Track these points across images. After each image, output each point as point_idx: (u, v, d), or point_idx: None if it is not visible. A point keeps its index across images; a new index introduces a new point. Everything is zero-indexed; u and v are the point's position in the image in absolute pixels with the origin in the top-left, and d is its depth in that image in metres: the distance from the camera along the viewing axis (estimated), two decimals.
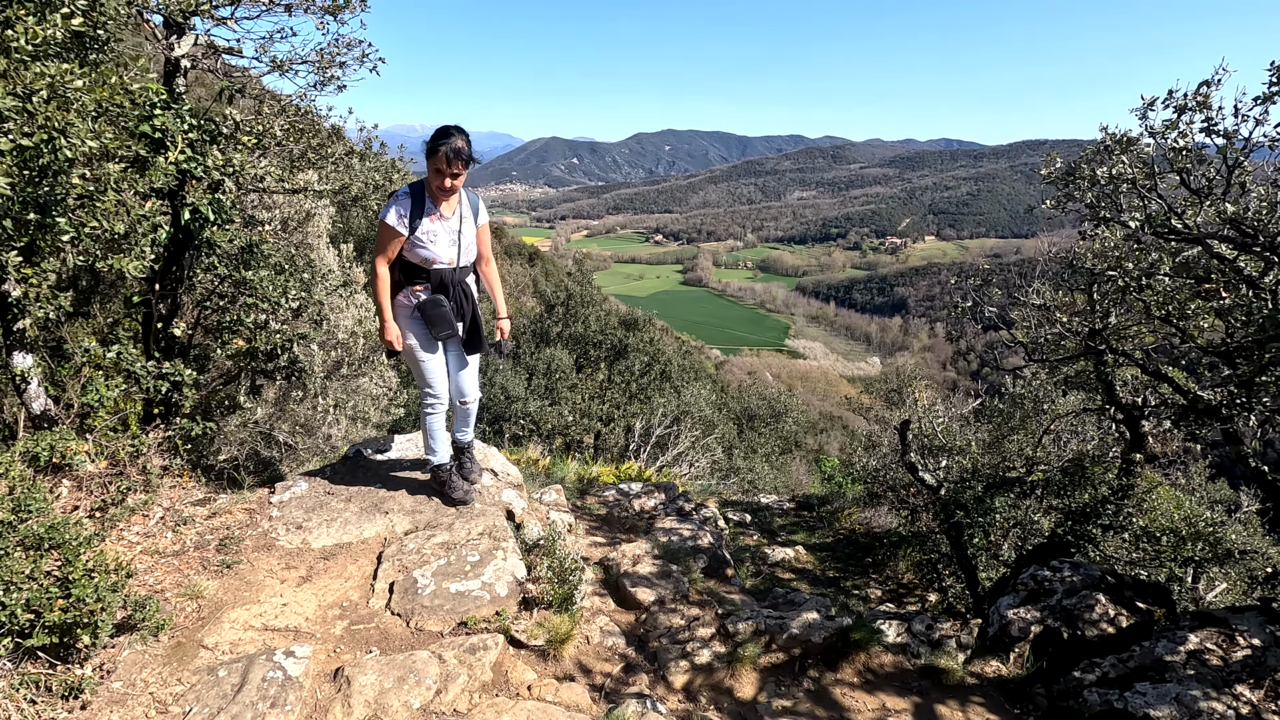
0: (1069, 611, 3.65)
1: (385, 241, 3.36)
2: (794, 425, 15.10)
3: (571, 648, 3.30)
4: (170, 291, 4.47)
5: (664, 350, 14.68)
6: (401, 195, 3.36)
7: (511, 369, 13.10)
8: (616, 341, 14.21)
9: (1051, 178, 3.83)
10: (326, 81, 4.27)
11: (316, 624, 3.24)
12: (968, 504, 5.02)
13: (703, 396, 12.43)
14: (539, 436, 11.87)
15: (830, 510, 8.22)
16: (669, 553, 4.23)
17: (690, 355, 16.57)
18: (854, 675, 3.57)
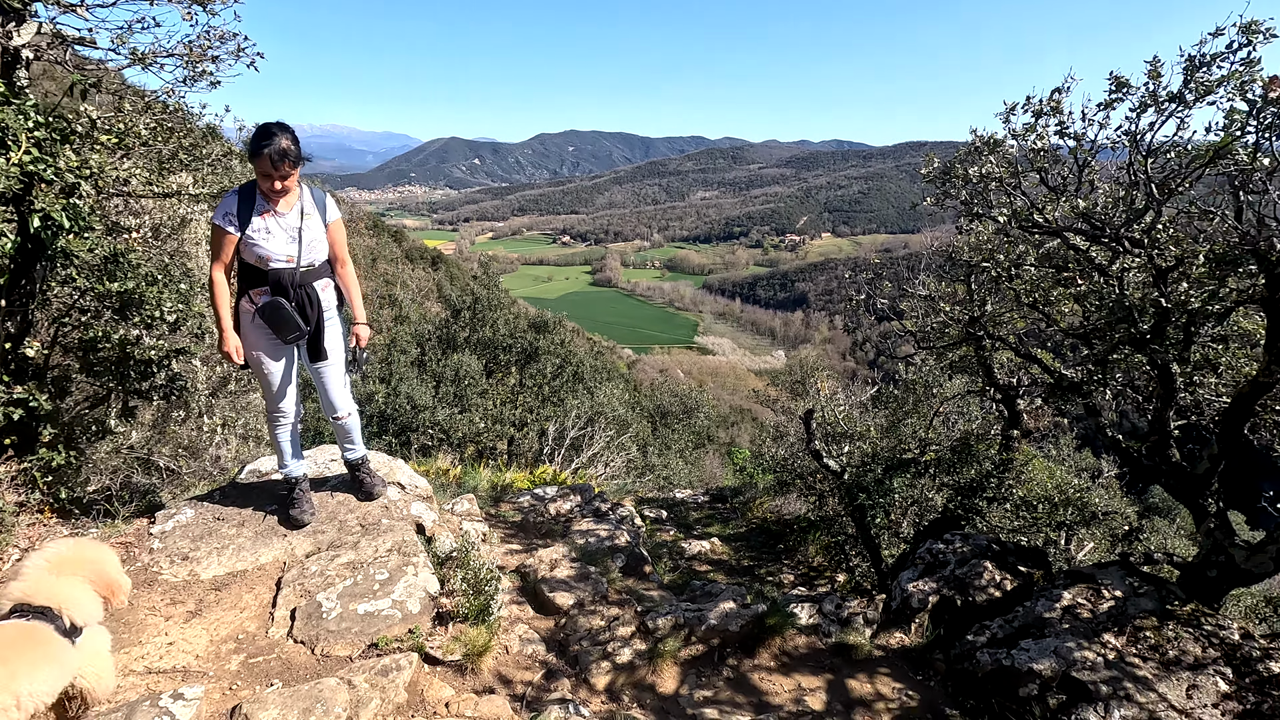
0: (961, 580, 3.92)
1: (216, 244, 3.15)
2: (706, 420, 15.41)
3: (490, 659, 3.23)
4: (20, 308, 4.02)
5: (575, 352, 14.61)
6: (229, 195, 3.17)
7: (418, 377, 12.68)
8: (527, 345, 14.01)
9: (930, 177, 4.11)
10: (197, 77, 3.96)
11: (209, 661, 3.01)
12: (869, 486, 5.30)
13: (616, 396, 12.46)
14: (450, 445, 11.54)
15: (743, 501, 8.46)
16: (586, 555, 4.21)
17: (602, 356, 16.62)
18: (771, 659, 3.69)
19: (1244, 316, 4.07)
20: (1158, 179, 3.45)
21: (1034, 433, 5.70)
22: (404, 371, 12.02)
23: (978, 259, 4.25)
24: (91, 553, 2.42)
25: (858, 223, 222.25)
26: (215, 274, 3.18)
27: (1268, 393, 3.42)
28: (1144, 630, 3.40)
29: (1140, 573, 3.81)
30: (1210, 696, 3.05)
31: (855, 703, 3.41)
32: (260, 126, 3.11)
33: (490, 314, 13.77)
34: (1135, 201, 3.63)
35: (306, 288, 3.39)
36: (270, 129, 3.07)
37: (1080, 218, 3.61)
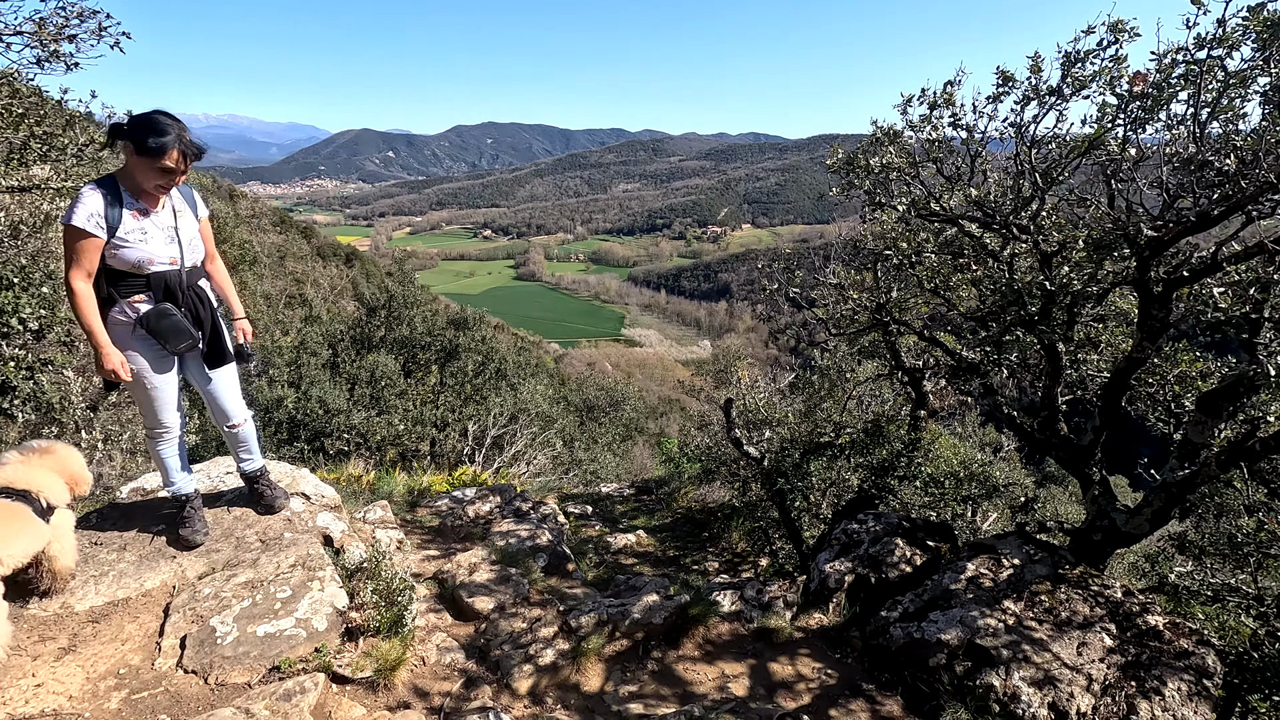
0: (874, 558, 4.06)
1: (78, 250, 2.76)
2: (633, 412, 15.44)
3: (405, 672, 3.09)
4: None
5: (498, 348, 14.30)
6: (89, 193, 2.77)
7: (331, 379, 12.10)
8: (446, 343, 13.61)
9: (835, 168, 4.21)
10: (52, 58, 3.59)
11: (84, 700, 2.74)
12: (788, 471, 5.42)
13: (540, 392, 12.27)
14: (368, 449, 11.09)
15: (668, 491, 8.51)
16: (507, 556, 4.11)
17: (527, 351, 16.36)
18: (695, 649, 3.71)
19: (1120, 297, 4.38)
20: (1041, 168, 3.64)
21: (940, 412, 5.98)
22: (315, 374, 11.42)
23: (882, 247, 4.39)
24: (60, 450, 3.03)
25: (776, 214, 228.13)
26: (78, 284, 2.81)
27: (1141, 367, 3.68)
28: (1039, 595, 3.61)
29: (1036, 541, 4.05)
30: (1097, 652, 3.27)
31: (777, 685, 3.47)
32: (145, 116, 2.77)
33: (407, 311, 13.28)
34: (1022, 190, 3.83)
35: (195, 289, 3.16)
36: (166, 119, 2.77)
37: (974, 206, 3.78)
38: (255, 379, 10.75)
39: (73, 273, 2.79)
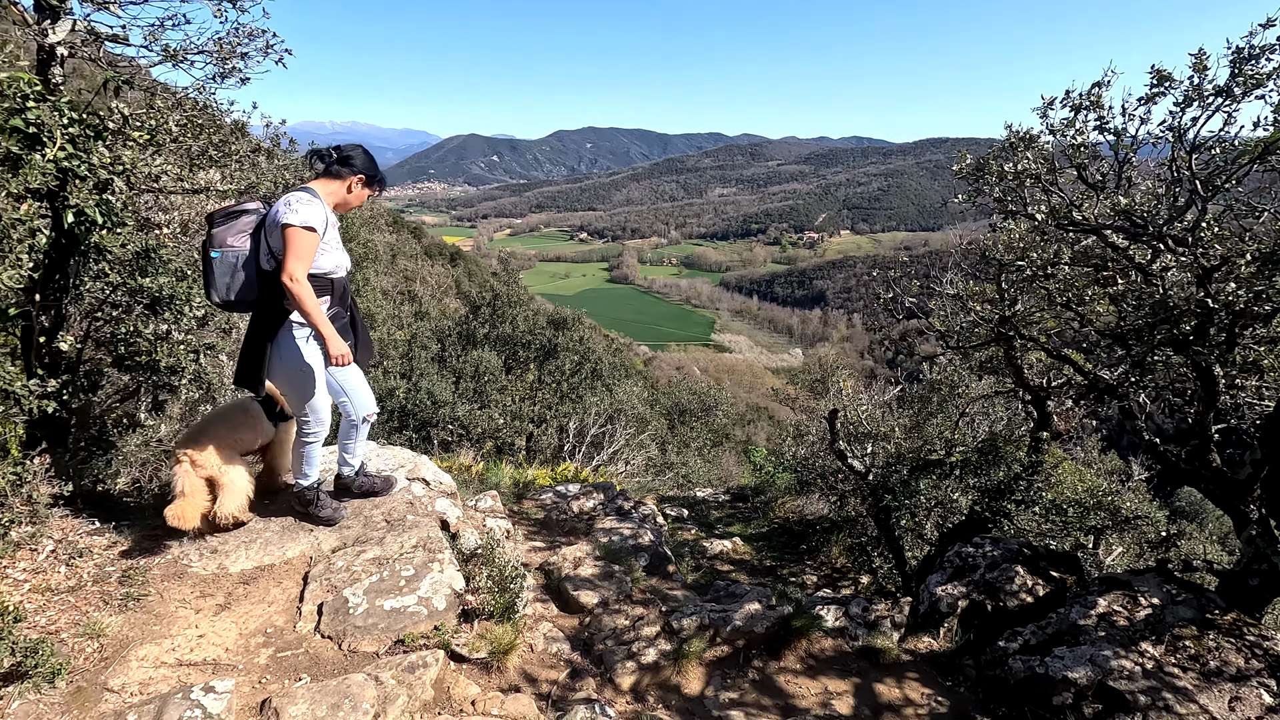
0: (991, 585, 3.85)
1: (306, 248, 3.03)
2: (724, 418, 15.34)
3: (516, 658, 3.22)
4: (54, 302, 4.07)
5: (594, 349, 14.60)
6: (313, 200, 3.11)
7: (438, 373, 12.74)
8: (545, 341, 14.03)
9: (963, 173, 4.03)
10: (227, 74, 3.99)
11: (238, 654, 3.03)
12: (894, 487, 5.22)
13: (635, 394, 12.41)
14: (469, 441, 11.59)
15: (764, 500, 8.39)
16: (610, 553, 4.19)
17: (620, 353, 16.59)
18: (797, 662, 3.65)
19: None
20: (1202, 175, 3.34)
21: (1064, 435, 5.59)
22: (425, 367, 12.07)
23: (1011, 258, 4.15)
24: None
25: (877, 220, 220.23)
26: (304, 278, 3.03)
27: None
28: (1183, 639, 3.31)
29: (1178, 580, 3.71)
30: (1254, 709, 2.96)
31: (883, 707, 3.36)
32: (362, 150, 3.36)
33: (510, 310, 13.80)
34: (1177, 199, 3.53)
35: (351, 295, 3.50)
36: (371, 156, 3.40)
37: (1120, 215, 3.51)
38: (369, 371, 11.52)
39: (299, 268, 3.01)
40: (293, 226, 3.00)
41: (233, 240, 3.13)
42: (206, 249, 3.15)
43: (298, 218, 3.00)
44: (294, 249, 3.00)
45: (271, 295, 3.17)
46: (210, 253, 3.13)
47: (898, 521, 5.42)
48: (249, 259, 3.16)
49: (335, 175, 3.27)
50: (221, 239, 3.13)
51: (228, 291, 3.17)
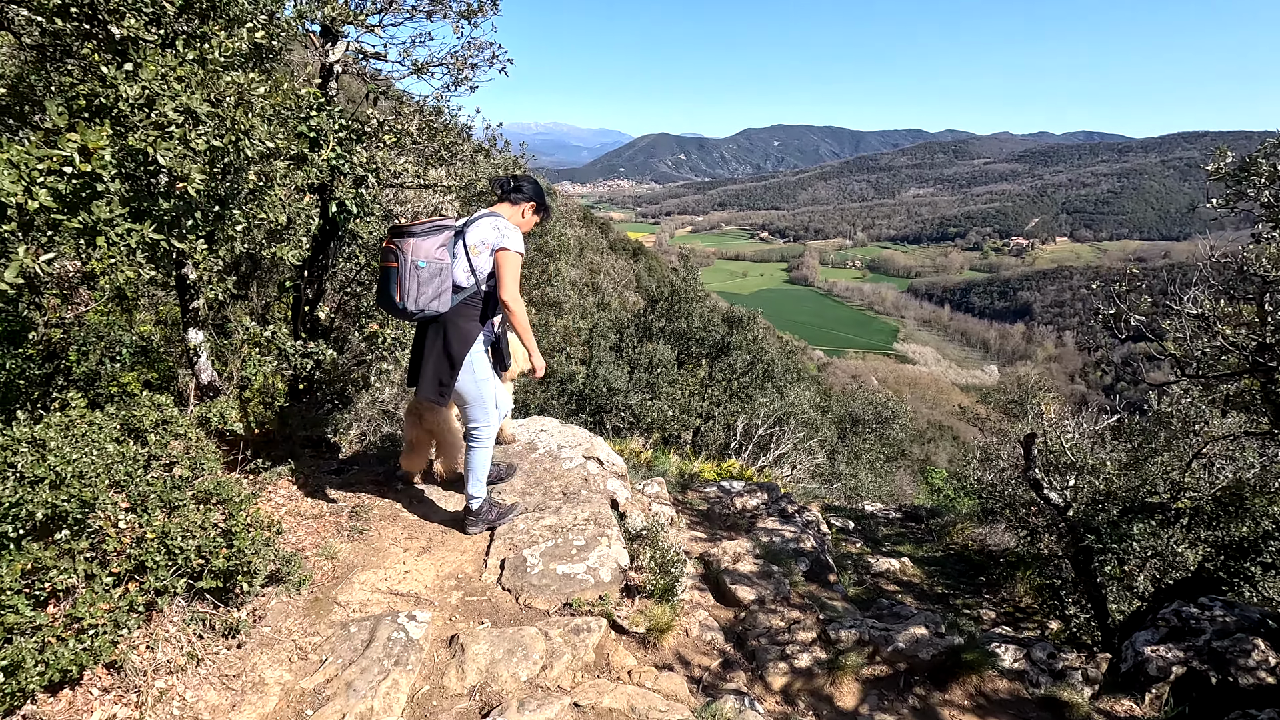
0: (1219, 654, 3.29)
1: (517, 272, 3.34)
2: (901, 433, 14.45)
3: (671, 638, 3.34)
4: (316, 278, 4.89)
5: (767, 349, 14.46)
6: (517, 228, 3.44)
7: (614, 361, 13.35)
8: (719, 338, 14.14)
9: (1220, 174, 3.45)
10: (460, 83, 4.52)
11: (434, 592, 3.47)
12: (1100, 528, 4.62)
13: (807, 398, 12.12)
14: (639, 429, 12.04)
15: (940, 524, 7.80)
16: (770, 553, 4.19)
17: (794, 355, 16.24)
18: (964, 698, 3.40)
19: None
20: None
21: None
22: (603, 355, 12.72)
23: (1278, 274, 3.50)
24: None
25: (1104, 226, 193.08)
26: (519, 297, 3.35)
27: None
28: None
29: None
30: None
31: None
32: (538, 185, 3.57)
33: (686, 305, 14.09)
34: None
35: None
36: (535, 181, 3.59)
37: None
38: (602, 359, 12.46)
39: (515, 289, 3.32)
40: (508, 250, 3.28)
41: (438, 253, 3.23)
42: (400, 257, 3.18)
43: (512, 243, 3.29)
44: (511, 272, 3.29)
45: (465, 310, 3.36)
46: (416, 261, 3.18)
47: (1100, 567, 4.80)
48: (448, 272, 3.28)
49: (514, 202, 3.49)
50: (428, 251, 3.20)
51: (417, 301, 3.22)
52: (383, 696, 2.67)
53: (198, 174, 2.06)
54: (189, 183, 2.06)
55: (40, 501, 2.05)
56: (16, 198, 1.83)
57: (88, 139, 1.91)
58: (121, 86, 2.01)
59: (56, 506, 2.09)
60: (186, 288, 4.15)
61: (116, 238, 2.02)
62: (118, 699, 2.48)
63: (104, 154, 1.96)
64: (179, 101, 1.95)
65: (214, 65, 2.15)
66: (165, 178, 2.05)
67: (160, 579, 2.53)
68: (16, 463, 2.12)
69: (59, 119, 1.95)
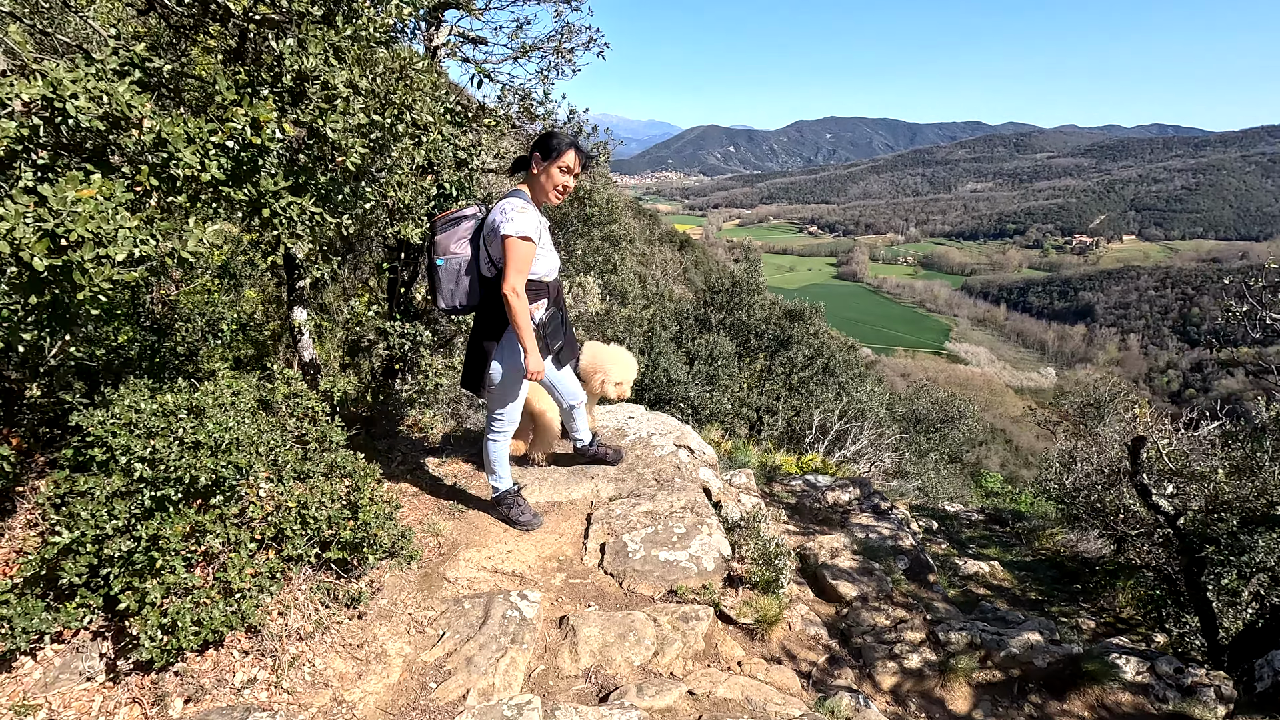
0: None
1: (525, 258, 2.93)
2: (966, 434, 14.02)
3: (778, 631, 3.29)
4: (412, 260, 4.97)
5: (828, 344, 14.21)
6: (526, 205, 2.98)
7: (674, 352, 13.30)
8: (780, 332, 13.95)
9: None
10: (558, 66, 4.51)
11: (538, 573, 3.48)
12: (1220, 539, 4.36)
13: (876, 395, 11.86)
14: (697, 421, 11.97)
15: (1028, 528, 7.52)
16: (868, 550, 4.08)
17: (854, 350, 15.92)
18: (1085, 709, 3.25)
19: None
20: None
21: None
22: (663, 346, 12.68)
23: None
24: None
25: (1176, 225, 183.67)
26: (522, 290, 2.94)
27: None
28: None
29: None
30: None
31: None
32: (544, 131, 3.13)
33: (747, 298, 13.94)
34: None
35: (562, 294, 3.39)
36: (559, 131, 3.10)
37: None
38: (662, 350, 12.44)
39: (518, 280, 2.92)
40: (510, 237, 2.89)
41: (455, 247, 3.08)
42: (431, 255, 3.10)
43: (514, 227, 2.89)
44: (514, 260, 2.90)
45: (493, 300, 3.11)
46: (435, 260, 3.07)
47: (1217, 580, 4.53)
48: (471, 265, 3.10)
49: (530, 169, 3.05)
50: (445, 246, 3.07)
51: (452, 297, 3.12)
52: (502, 674, 2.69)
53: (361, 147, 2.08)
54: (348, 156, 2.08)
55: (205, 466, 2.10)
56: (193, 170, 1.86)
57: (258, 111, 1.93)
58: (288, 60, 2.04)
59: (217, 472, 2.14)
60: (294, 266, 4.25)
61: (281, 209, 2.05)
62: (255, 661, 2.56)
63: (271, 127, 1.98)
64: (345, 75, 1.96)
65: (370, 40, 2.17)
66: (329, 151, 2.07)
67: (296, 547, 2.59)
68: (178, 428, 2.18)
69: (228, 93, 1.98)
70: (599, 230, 12.66)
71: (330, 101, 1.97)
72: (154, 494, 2.14)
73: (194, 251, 1.84)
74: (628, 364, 4.10)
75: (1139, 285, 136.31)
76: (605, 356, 4.09)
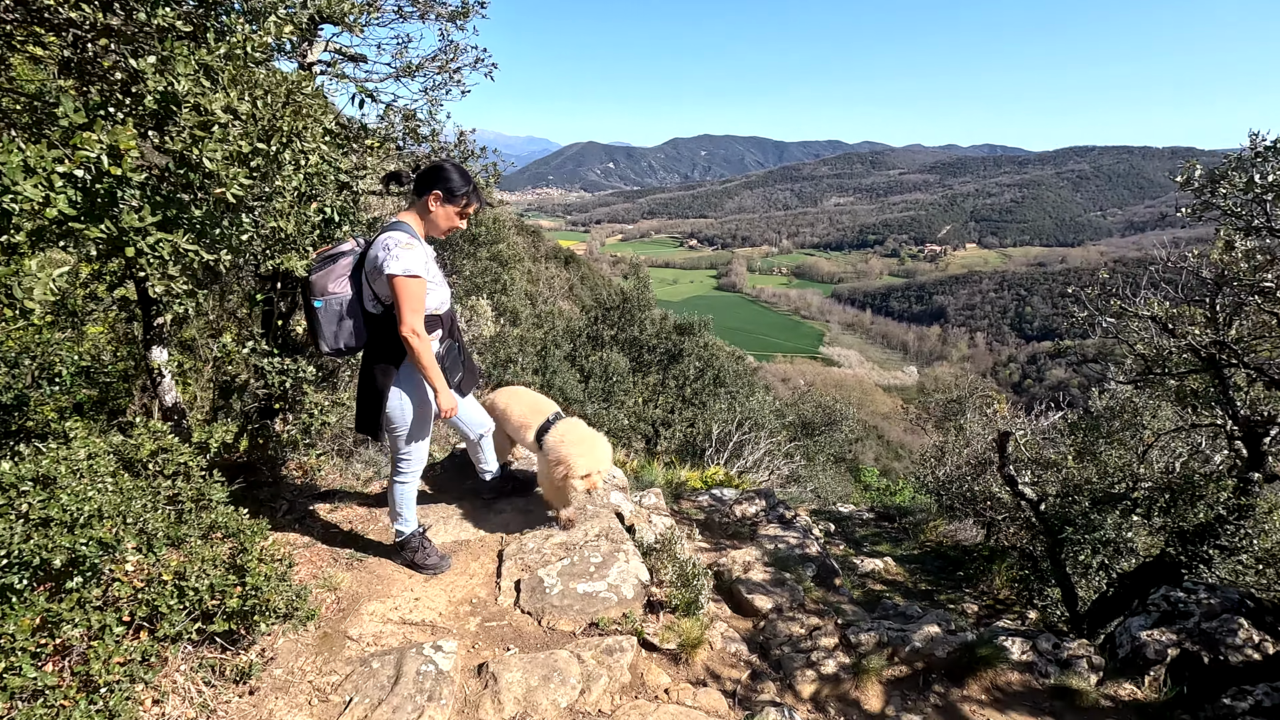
0: (1209, 635, 3.52)
1: (417, 297, 2.77)
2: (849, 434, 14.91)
3: (702, 652, 3.29)
4: (290, 290, 4.60)
5: (718, 356, 14.63)
6: (412, 240, 2.80)
7: (568, 370, 13.19)
8: (671, 346, 14.20)
9: (1194, 184, 3.71)
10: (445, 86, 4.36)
11: (451, 619, 3.29)
12: (1077, 519, 4.87)
13: (767, 404, 12.32)
14: None
15: (913, 521, 8.07)
16: (779, 560, 4.20)
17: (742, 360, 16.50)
18: (982, 693, 3.50)
19: None
20: None
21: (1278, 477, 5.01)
22: (558, 365, 12.55)
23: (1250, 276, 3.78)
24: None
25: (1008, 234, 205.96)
26: (421, 329, 2.81)
27: None
28: None
29: None
30: None
31: None
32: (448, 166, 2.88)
33: (638, 313, 14.09)
34: None
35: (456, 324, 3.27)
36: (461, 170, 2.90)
37: None
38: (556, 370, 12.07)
39: (415, 319, 2.78)
40: (398, 276, 2.72)
41: (333, 286, 2.89)
42: (307, 296, 2.91)
43: (400, 265, 2.71)
44: (407, 300, 2.75)
45: (382, 337, 2.95)
46: (313, 301, 2.88)
47: (1075, 557, 5.06)
48: (353, 304, 2.92)
49: (413, 203, 2.93)
50: (322, 286, 2.88)
51: (335, 339, 2.94)
52: None
53: (243, 178, 1.88)
54: (228, 188, 1.87)
55: (59, 547, 1.81)
56: (34, 204, 1.62)
57: (118, 138, 1.71)
58: (150, 80, 1.81)
59: (75, 551, 1.85)
60: (150, 302, 3.82)
61: (148, 247, 1.82)
62: None
63: (133, 155, 1.76)
64: (222, 100, 1.76)
65: (245, 60, 1.97)
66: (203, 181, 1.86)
67: (174, 624, 2.29)
68: (21, 504, 1.87)
69: (75, 115, 1.74)
70: (486, 250, 12.36)
71: (206, 129, 1.76)
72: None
73: (41, 299, 1.59)
74: (596, 449, 3.53)
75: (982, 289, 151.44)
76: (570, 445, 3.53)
